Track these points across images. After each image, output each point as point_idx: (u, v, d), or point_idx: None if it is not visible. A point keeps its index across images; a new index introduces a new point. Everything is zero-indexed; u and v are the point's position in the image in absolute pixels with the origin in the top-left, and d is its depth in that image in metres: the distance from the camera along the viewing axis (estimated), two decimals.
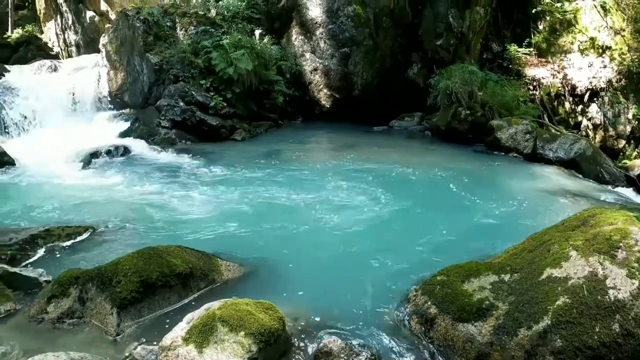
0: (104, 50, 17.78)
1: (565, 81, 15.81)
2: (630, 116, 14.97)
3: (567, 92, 15.76)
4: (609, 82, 15.23)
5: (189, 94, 14.88)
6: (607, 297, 4.16)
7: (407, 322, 5.13)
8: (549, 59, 16.44)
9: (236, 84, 15.11)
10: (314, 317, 5.21)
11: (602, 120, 15.19)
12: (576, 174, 11.81)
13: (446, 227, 7.86)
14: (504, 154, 12.91)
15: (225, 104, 14.94)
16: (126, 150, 13.09)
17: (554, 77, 16.01)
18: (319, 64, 16.39)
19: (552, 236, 5.07)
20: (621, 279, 4.23)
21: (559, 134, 13.43)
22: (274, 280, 6.17)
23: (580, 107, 15.60)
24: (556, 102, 15.93)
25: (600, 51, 15.62)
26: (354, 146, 13.44)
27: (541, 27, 16.78)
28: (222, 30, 16.42)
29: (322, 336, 4.77)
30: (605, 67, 15.37)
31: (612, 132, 15.09)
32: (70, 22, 26.92)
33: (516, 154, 12.78)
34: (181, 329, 4.49)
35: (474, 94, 14.25)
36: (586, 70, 15.54)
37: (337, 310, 5.42)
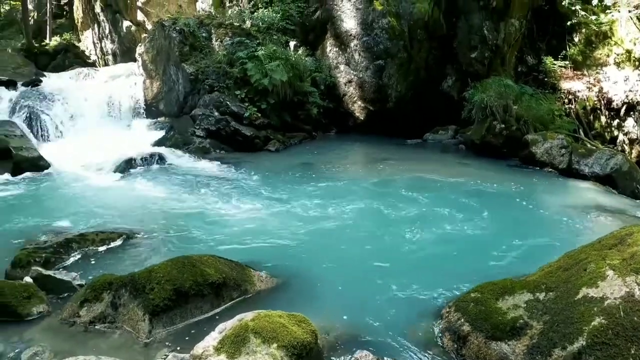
0: (140, 59, 17.99)
1: (601, 95, 15.60)
2: None
3: (603, 106, 15.56)
4: None
5: (223, 104, 14.99)
6: None
7: (440, 339, 5.11)
8: (585, 72, 16.23)
9: (271, 94, 15.20)
10: (345, 331, 5.21)
11: (638, 135, 14.96)
12: (612, 190, 11.55)
13: (480, 243, 7.80)
14: (538, 168, 12.71)
15: (259, 115, 15.02)
16: (161, 158, 13.22)
17: (589, 91, 15.80)
18: (353, 76, 16.39)
19: (588, 254, 5.00)
20: None
21: (594, 148, 13.22)
22: (306, 292, 6.16)
23: (616, 122, 15.35)
24: (592, 116, 15.72)
25: (637, 64, 15.37)
26: (387, 159, 13.37)
27: (576, 39, 16.59)
28: (257, 41, 16.50)
29: (354, 350, 4.75)
30: None
31: None
32: (107, 31, 27.25)
33: (551, 169, 12.56)
34: (213, 338, 4.51)
35: (509, 108, 14.10)
36: (622, 83, 15.29)
37: (369, 324, 5.41)
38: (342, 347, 4.94)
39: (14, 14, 32.85)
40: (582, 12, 16.01)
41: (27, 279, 6.08)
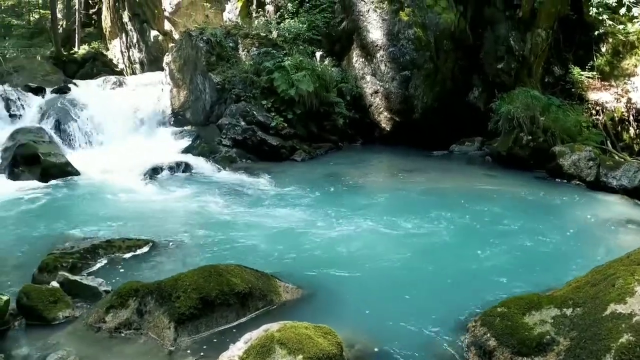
0: (167, 68, 18.10)
1: (629, 105, 15.48)
2: None
3: (632, 117, 15.44)
4: None
5: (250, 114, 15.04)
6: None
7: (465, 353, 5.08)
8: (612, 83, 16.11)
9: (297, 105, 15.22)
10: (371, 344, 5.20)
11: None
12: None
13: (506, 257, 7.75)
14: (565, 181, 12.60)
15: (285, 125, 15.04)
16: (187, 166, 13.31)
17: (617, 102, 15.68)
18: (379, 87, 16.36)
19: (616, 270, 4.95)
20: None
21: (623, 161, 13.10)
22: (331, 303, 6.16)
23: None
24: (620, 128, 15.61)
25: None
26: (413, 171, 13.37)
27: (604, 49, 16.48)
28: (284, 51, 16.53)
29: None
30: None
31: None
32: (134, 41, 27.47)
33: (578, 182, 12.45)
34: (238, 348, 4.52)
35: (536, 119, 13.99)
36: None
37: (394, 337, 5.39)
38: None
39: (43, 23, 33.25)
40: (610, 22, 15.93)
41: (54, 284, 6.15)
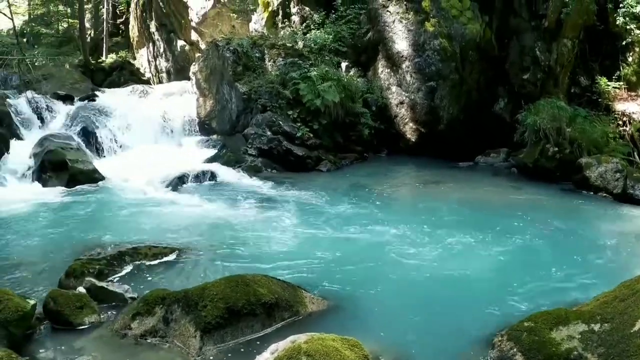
0: (194, 78, 18.23)
1: None
2: None
3: None
4: None
5: (276, 124, 15.09)
6: None
7: None
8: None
9: (323, 115, 15.26)
10: (396, 357, 5.19)
11: None
12: None
13: (532, 270, 7.68)
14: (592, 193, 12.49)
15: (311, 135, 15.07)
16: (213, 175, 13.37)
17: None
18: (405, 98, 16.32)
19: None
20: None
21: None
22: (357, 315, 6.14)
23: None
24: None
25: None
26: (439, 182, 13.36)
27: (630, 59, 16.26)
28: (310, 62, 16.57)
29: None
30: None
31: None
32: (161, 50, 27.64)
33: (605, 194, 12.33)
34: (265, 358, 4.52)
35: (562, 131, 13.87)
36: None
37: (419, 351, 5.38)
38: None
39: (71, 32, 33.57)
40: (637, 31, 15.73)
41: (81, 289, 6.19)
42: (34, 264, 7.76)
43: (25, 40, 30.70)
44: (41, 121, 16.40)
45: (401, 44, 16.20)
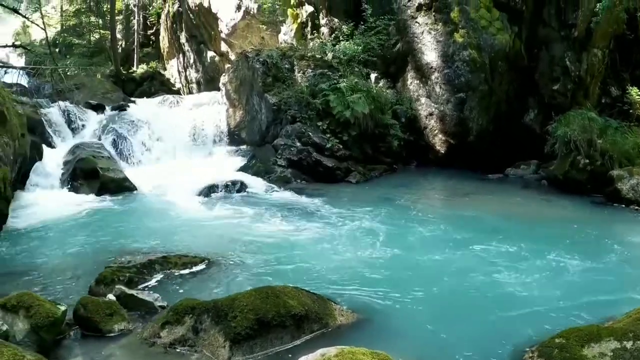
0: (223, 88, 18.35)
1: None
2: None
3: None
4: None
5: (305, 135, 15.12)
6: None
7: None
8: None
9: (352, 126, 15.27)
10: None
11: None
12: None
13: (563, 284, 7.56)
14: (624, 206, 12.26)
15: (341, 146, 15.08)
16: (243, 185, 13.37)
17: None
18: (434, 109, 16.27)
19: None
20: None
21: None
22: (387, 329, 6.08)
23: None
24: None
25: None
26: (468, 195, 13.28)
27: None
28: (339, 73, 16.58)
29: None
30: None
31: None
32: (191, 61, 27.88)
33: (637, 207, 12.12)
34: None
35: (593, 142, 13.69)
36: None
37: None
38: None
39: (103, 42, 33.98)
40: None
41: (111, 297, 6.21)
42: (65, 270, 7.83)
43: (57, 50, 31.12)
44: (73, 130, 16.64)
45: (430, 55, 16.18)
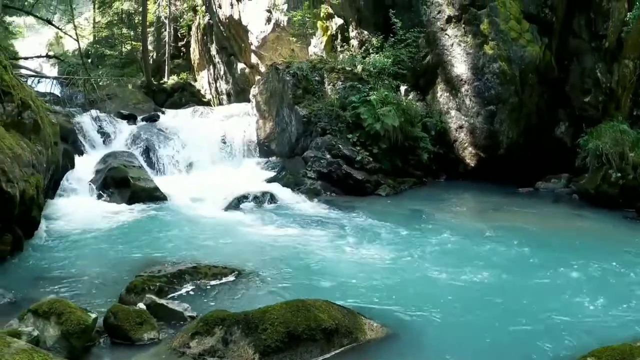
0: (254, 100, 18.45)
1: None
2: None
3: None
4: None
5: (335, 147, 15.12)
6: None
7: None
8: None
9: (382, 139, 15.24)
10: None
11: None
12: None
13: (595, 302, 7.41)
14: None
15: (371, 159, 15.07)
16: (273, 197, 13.36)
17: None
18: (464, 122, 16.21)
19: None
20: None
21: None
22: (417, 344, 6.06)
23: None
24: None
25: None
26: (499, 209, 13.18)
27: None
28: (369, 86, 16.57)
29: None
30: None
31: None
32: (222, 73, 28.06)
33: None
34: None
35: (625, 155, 13.48)
36: None
37: None
38: None
39: (134, 54, 34.31)
40: None
41: (141, 305, 6.26)
42: (95, 277, 7.89)
43: (90, 61, 31.50)
44: (104, 139, 16.81)
45: (460, 67, 16.14)
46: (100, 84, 22.70)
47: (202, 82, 30.24)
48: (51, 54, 31.01)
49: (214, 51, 28.69)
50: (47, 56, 28.88)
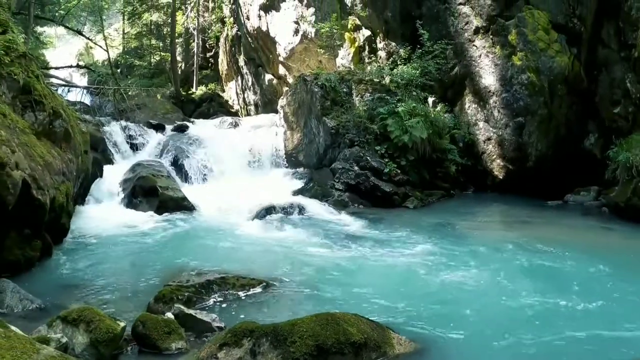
0: (281, 111, 18.50)
1: None
2: None
3: None
4: None
5: (363, 159, 15.13)
6: None
7: None
8: None
9: (410, 151, 15.24)
10: None
11: None
12: None
13: (628, 317, 7.29)
14: None
15: (398, 171, 15.04)
16: (300, 208, 13.35)
17: None
18: (492, 134, 16.12)
19: None
20: None
21: None
22: None
23: None
24: None
25: None
26: (527, 222, 13.01)
27: None
28: (397, 97, 16.59)
29: None
30: None
31: None
32: (249, 83, 28.21)
33: None
34: None
35: None
36: None
37: None
38: None
39: (163, 64, 34.63)
40: None
41: (169, 315, 6.26)
42: (123, 285, 7.94)
43: (119, 71, 31.87)
44: (133, 148, 16.98)
45: (488, 78, 16.08)
46: (129, 93, 22.91)
47: (230, 92, 30.43)
48: (81, 64, 31.43)
49: (241, 62, 28.86)
50: (78, 66, 29.23)
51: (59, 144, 9.60)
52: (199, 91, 30.37)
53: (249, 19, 26.46)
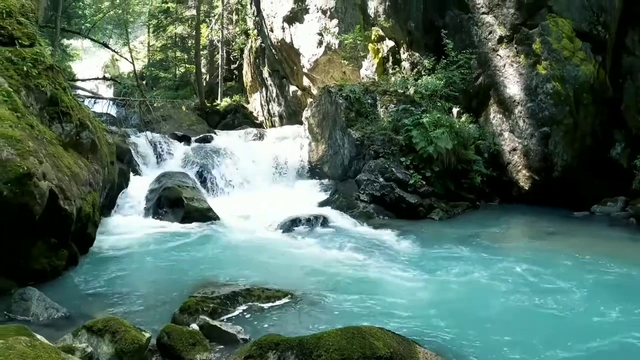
0: (306, 122, 18.55)
1: None
2: None
3: None
4: None
5: (388, 171, 15.09)
6: None
7: None
8: None
9: (435, 162, 15.18)
10: None
11: None
12: None
13: None
14: None
15: (424, 182, 14.99)
16: (325, 220, 13.26)
17: None
18: (517, 144, 16.02)
19: None
20: None
21: None
22: None
23: None
24: None
25: None
26: (554, 234, 12.81)
27: None
28: (422, 108, 16.56)
29: None
30: None
31: None
32: (274, 95, 28.31)
33: None
34: None
35: None
36: None
37: None
38: None
39: (188, 76, 34.90)
40: None
41: (194, 326, 6.27)
42: (148, 295, 7.97)
43: (144, 82, 32.15)
44: (159, 159, 17.07)
45: (513, 88, 16.01)
46: (154, 105, 23.07)
47: (255, 104, 30.55)
48: (107, 76, 31.73)
49: (266, 74, 28.98)
50: (104, 78, 29.54)
51: (85, 155, 9.69)
52: (223, 103, 30.56)
53: (272, 31, 26.56)
